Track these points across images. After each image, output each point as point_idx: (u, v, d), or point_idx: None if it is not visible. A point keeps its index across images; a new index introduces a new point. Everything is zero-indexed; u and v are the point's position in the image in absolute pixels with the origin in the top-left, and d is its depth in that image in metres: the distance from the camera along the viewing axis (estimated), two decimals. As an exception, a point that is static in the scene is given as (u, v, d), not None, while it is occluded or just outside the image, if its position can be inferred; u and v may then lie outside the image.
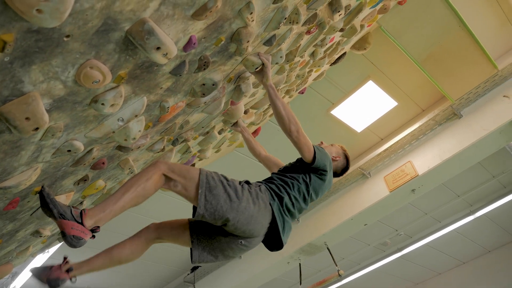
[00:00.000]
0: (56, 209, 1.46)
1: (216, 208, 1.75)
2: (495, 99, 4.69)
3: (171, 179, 1.77)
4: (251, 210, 1.81)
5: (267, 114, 4.01)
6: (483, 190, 6.97)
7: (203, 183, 1.77)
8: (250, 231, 1.85)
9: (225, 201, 1.77)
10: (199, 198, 1.74)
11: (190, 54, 1.54)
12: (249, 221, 1.81)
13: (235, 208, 1.78)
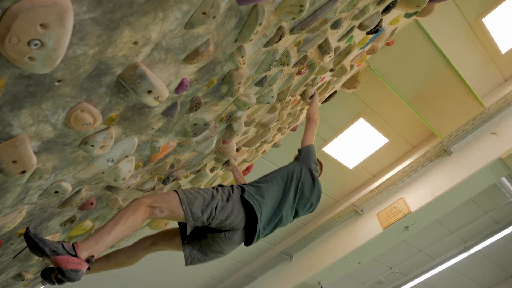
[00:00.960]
0: (47, 247, 1.42)
1: (201, 215, 1.93)
2: (484, 136, 4.77)
3: (155, 207, 1.84)
4: (226, 208, 2.01)
5: (259, 151, 4.02)
6: (476, 226, 6.94)
7: (184, 200, 1.91)
8: (230, 223, 2.02)
9: (206, 207, 1.95)
10: (186, 213, 1.88)
11: (182, 95, 1.56)
12: (227, 216, 1.99)
13: (218, 215, 1.96)
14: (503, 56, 4.75)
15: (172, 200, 1.90)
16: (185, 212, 1.88)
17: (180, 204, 1.89)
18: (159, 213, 1.86)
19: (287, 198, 2.28)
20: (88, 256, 1.49)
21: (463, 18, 4.34)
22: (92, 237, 1.57)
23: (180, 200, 1.89)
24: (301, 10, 1.47)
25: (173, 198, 1.90)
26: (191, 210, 1.89)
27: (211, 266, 6.07)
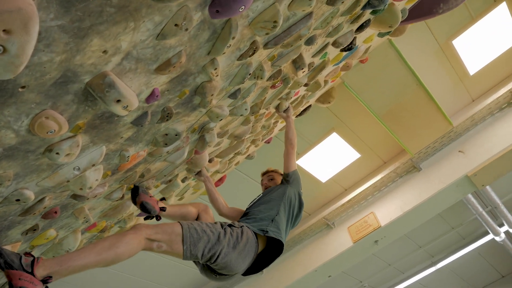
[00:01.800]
0: (2, 258, 1.36)
1: (201, 256, 1.91)
2: (451, 154, 4.93)
3: (154, 241, 1.80)
4: (230, 255, 1.95)
5: (233, 162, 4.01)
6: (443, 242, 7.12)
7: (187, 239, 1.86)
8: (228, 270, 2.00)
9: (208, 251, 1.90)
10: (185, 254, 1.85)
11: (153, 105, 1.54)
12: (228, 264, 1.95)
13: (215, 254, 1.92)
14: (471, 78, 4.94)
15: (174, 235, 1.84)
16: (184, 253, 1.85)
17: (181, 241, 1.85)
18: (156, 248, 1.82)
19: (288, 224, 2.41)
20: (45, 276, 1.42)
21: (434, 39, 4.50)
22: (60, 257, 1.51)
23: (182, 238, 1.85)
24: (275, 26, 1.49)
25: (176, 234, 1.85)
26: (191, 251, 1.85)
27: (180, 276, 5.97)
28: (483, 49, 4.70)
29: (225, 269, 1.99)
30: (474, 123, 4.88)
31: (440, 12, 3.23)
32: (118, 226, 2.97)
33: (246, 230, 2.09)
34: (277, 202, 2.43)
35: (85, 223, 2.22)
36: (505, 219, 6.36)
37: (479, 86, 5.03)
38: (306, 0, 1.53)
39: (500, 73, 4.96)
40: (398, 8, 2.70)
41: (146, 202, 2.27)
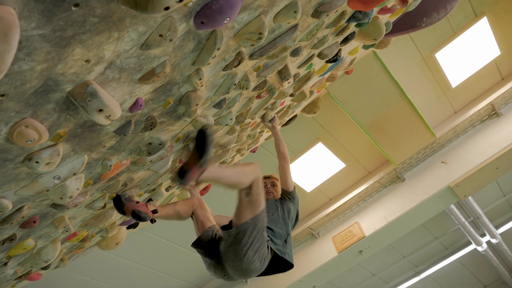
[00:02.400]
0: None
1: (246, 239, 1.98)
2: (434, 165, 5.00)
3: (250, 191, 1.98)
4: (255, 266, 2.05)
5: (218, 171, 3.99)
6: (427, 252, 7.18)
7: (257, 219, 2.00)
8: (241, 275, 2.11)
9: (251, 245, 2.00)
10: (244, 223, 1.97)
11: (137, 114, 1.53)
12: (248, 271, 2.07)
13: (249, 257, 2.01)
14: (454, 90, 5.05)
15: (259, 204, 2.02)
16: (243, 221, 1.98)
17: (254, 215, 2.00)
18: (244, 195, 2.00)
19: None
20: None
21: (418, 52, 4.59)
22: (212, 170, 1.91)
23: (257, 214, 2.01)
24: (260, 38, 1.50)
25: (259, 204, 2.02)
26: (247, 229, 1.97)
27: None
28: (465, 62, 4.82)
29: (240, 273, 2.08)
30: (456, 134, 4.97)
31: (423, 26, 3.31)
32: (100, 236, 2.92)
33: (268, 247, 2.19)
34: (286, 221, 2.52)
35: (65, 232, 2.17)
36: (486, 229, 6.46)
37: (461, 98, 5.14)
38: (291, 12, 1.55)
39: (482, 86, 5.08)
40: (382, 21, 2.74)
41: (138, 210, 2.22)
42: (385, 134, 4.67)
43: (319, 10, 1.80)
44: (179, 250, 5.39)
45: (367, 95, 4.29)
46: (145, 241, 5.04)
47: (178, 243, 5.33)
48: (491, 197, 6.40)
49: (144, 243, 5.05)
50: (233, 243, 2.02)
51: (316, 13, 1.81)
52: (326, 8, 1.80)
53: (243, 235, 1.99)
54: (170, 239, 5.24)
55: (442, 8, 3.28)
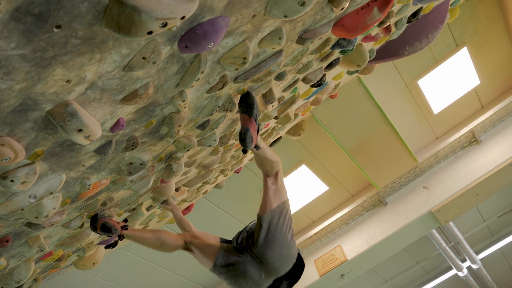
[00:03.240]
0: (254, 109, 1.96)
1: (274, 225, 2.09)
2: (416, 190, 5.06)
3: (276, 179, 2.18)
4: (294, 251, 2.15)
5: (201, 191, 3.97)
6: (408, 276, 7.19)
7: (285, 204, 2.16)
8: (273, 266, 2.11)
9: (287, 228, 2.13)
10: (274, 208, 2.10)
11: (118, 134, 1.52)
12: (287, 258, 2.13)
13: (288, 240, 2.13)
14: (435, 116, 5.16)
15: (282, 193, 2.19)
16: (273, 208, 2.11)
17: (281, 202, 2.15)
18: (270, 183, 2.17)
19: None
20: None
21: (401, 79, 4.70)
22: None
23: (282, 203, 2.17)
24: (244, 62, 1.52)
25: (283, 194, 2.19)
26: (275, 214, 2.11)
27: None
28: (446, 90, 4.95)
29: (281, 261, 2.13)
30: (438, 160, 5.05)
31: (406, 54, 3.39)
32: (77, 255, 2.85)
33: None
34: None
35: (40, 252, 2.11)
36: (467, 254, 6.52)
37: (443, 125, 5.25)
38: (276, 39, 1.57)
39: (462, 113, 5.21)
40: (366, 48, 2.81)
41: (106, 222, 2.22)
42: (368, 158, 4.72)
43: (303, 37, 1.83)
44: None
45: (351, 119, 4.35)
46: None
47: None
48: (471, 222, 6.48)
49: None
50: (269, 229, 2.10)
51: (301, 40, 1.84)
52: (310, 35, 1.84)
53: (278, 218, 2.11)
54: None
55: (424, 38, 3.38)
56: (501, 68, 4.92)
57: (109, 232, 2.21)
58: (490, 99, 5.15)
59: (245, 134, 1.87)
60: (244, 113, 1.96)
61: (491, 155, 4.76)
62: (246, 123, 1.93)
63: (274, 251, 2.09)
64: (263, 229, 2.10)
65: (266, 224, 2.10)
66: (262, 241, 2.10)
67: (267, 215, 2.11)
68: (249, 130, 1.88)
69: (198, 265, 5.73)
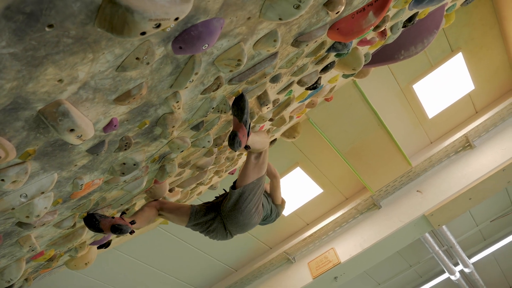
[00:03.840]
0: (245, 115, 2.03)
1: (248, 198, 2.38)
2: (410, 193, 5.08)
3: (260, 156, 2.43)
4: (254, 221, 2.51)
5: (195, 192, 3.96)
6: (401, 279, 7.21)
7: (261, 180, 2.44)
8: (237, 231, 2.52)
9: (253, 202, 2.41)
10: (250, 183, 2.37)
11: (111, 134, 1.51)
12: (246, 226, 2.50)
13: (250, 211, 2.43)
14: (430, 121, 5.18)
15: (262, 169, 2.46)
16: (253, 180, 2.41)
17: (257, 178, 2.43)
18: (253, 158, 2.42)
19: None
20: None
21: (396, 83, 4.72)
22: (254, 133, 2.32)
23: (259, 178, 2.45)
24: (239, 64, 1.52)
25: (262, 170, 2.47)
26: (254, 187, 2.39)
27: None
28: (441, 94, 4.97)
29: (241, 227, 2.51)
30: (432, 164, 5.08)
31: (401, 59, 3.41)
32: (68, 255, 2.83)
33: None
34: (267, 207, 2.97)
35: (31, 251, 2.09)
36: (460, 258, 6.54)
37: (437, 129, 5.27)
38: (271, 41, 1.57)
39: (457, 118, 5.24)
40: (361, 52, 2.82)
41: (119, 224, 2.19)
42: (362, 161, 4.73)
43: (299, 40, 1.84)
44: (189, 250, 5.33)
45: (346, 122, 4.36)
46: (157, 239, 5.01)
47: (190, 243, 5.29)
48: (464, 227, 6.51)
49: (155, 240, 5.01)
50: (238, 201, 2.39)
51: (296, 42, 1.85)
52: (306, 38, 1.84)
53: (248, 194, 2.38)
54: (184, 238, 5.18)
55: (419, 43, 3.40)
56: (495, 73, 4.95)
57: (123, 233, 2.21)
58: (484, 104, 5.19)
59: (234, 139, 2.01)
60: (235, 116, 2.04)
61: (485, 160, 4.79)
62: (236, 127, 2.04)
63: (237, 220, 2.44)
64: (232, 200, 2.41)
65: (235, 197, 2.40)
66: (228, 210, 2.44)
67: (239, 189, 2.39)
68: (237, 135, 2.00)
69: (190, 266, 5.75)
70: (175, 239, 5.12)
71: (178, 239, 5.13)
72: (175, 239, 5.12)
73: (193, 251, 5.34)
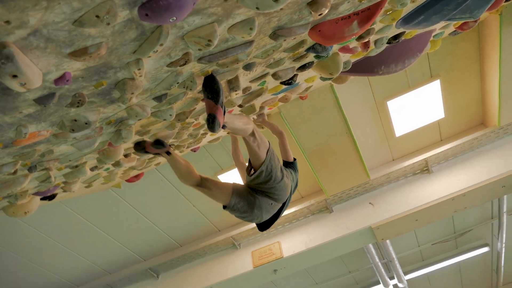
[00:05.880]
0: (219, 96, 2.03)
1: (272, 169, 2.56)
2: (362, 204, 5.20)
3: (255, 136, 2.51)
4: (286, 183, 2.67)
5: (153, 162, 3.90)
6: (338, 283, 7.43)
7: (270, 152, 2.60)
8: (280, 196, 2.66)
9: (276, 169, 2.60)
10: (266, 158, 2.54)
11: (63, 88, 1.45)
12: (283, 189, 2.66)
13: (279, 177, 2.62)
14: (396, 139, 5.30)
15: (264, 143, 2.58)
16: (266, 157, 2.54)
17: (266, 150, 2.57)
18: (252, 141, 2.52)
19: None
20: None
21: (372, 96, 4.78)
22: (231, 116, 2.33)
23: (268, 150, 2.58)
24: (209, 45, 1.48)
25: (265, 142, 2.60)
26: (270, 159, 2.55)
27: (71, 267, 5.63)
28: (412, 116, 5.08)
29: (280, 191, 2.67)
30: (389, 180, 5.21)
31: (380, 73, 3.44)
32: (8, 201, 2.74)
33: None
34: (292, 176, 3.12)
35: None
36: (396, 273, 6.81)
37: (401, 148, 5.40)
38: (247, 28, 1.54)
39: (422, 141, 5.38)
40: (342, 59, 2.82)
41: (158, 139, 2.57)
42: (324, 164, 4.79)
43: (277, 33, 1.81)
44: (138, 218, 5.31)
45: (315, 123, 4.39)
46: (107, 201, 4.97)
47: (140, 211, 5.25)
48: (407, 244, 6.76)
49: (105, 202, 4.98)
50: (266, 177, 2.57)
51: (274, 35, 1.82)
52: (285, 33, 1.82)
53: (270, 167, 2.57)
54: (134, 205, 5.12)
55: (400, 62, 3.44)
56: (466, 108, 5.10)
57: (162, 146, 2.56)
58: (450, 134, 5.34)
59: (213, 122, 2.02)
60: (210, 99, 2.02)
61: (438, 186, 4.96)
62: (213, 110, 2.03)
63: (277, 187, 2.62)
64: (261, 179, 2.57)
65: (262, 176, 2.56)
66: (264, 184, 2.60)
67: (262, 167, 2.55)
68: (216, 117, 2.03)
69: (136, 234, 5.68)
70: (126, 204, 5.06)
71: (128, 204, 5.07)
72: (126, 205, 5.06)
73: (142, 220, 5.30)
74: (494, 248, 7.27)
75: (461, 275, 8.01)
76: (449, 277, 7.99)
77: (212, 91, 1.99)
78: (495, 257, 7.46)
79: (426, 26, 2.69)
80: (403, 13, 2.45)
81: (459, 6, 2.48)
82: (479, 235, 7.01)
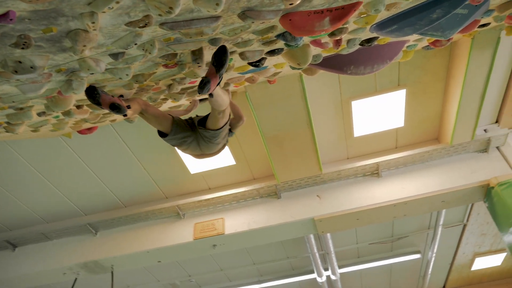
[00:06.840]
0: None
1: (219, 135, 2.97)
2: (310, 195, 5.33)
3: (224, 114, 2.85)
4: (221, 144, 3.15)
5: (108, 118, 3.80)
6: (275, 266, 7.65)
7: (226, 125, 3.00)
8: (210, 148, 3.08)
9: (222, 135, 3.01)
10: (222, 127, 2.93)
11: (6, 27, 1.36)
12: (216, 147, 3.11)
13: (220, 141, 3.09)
14: (354, 139, 5.42)
15: (226, 117, 2.95)
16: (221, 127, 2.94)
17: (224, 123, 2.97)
18: (220, 115, 2.85)
19: None
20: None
21: (339, 93, 4.84)
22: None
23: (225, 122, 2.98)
24: (170, 12, 1.43)
25: (227, 117, 2.97)
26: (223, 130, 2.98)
27: (7, 211, 5.46)
28: (373, 119, 5.20)
29: (211, 150, 3.13)
30: (339, 177, 5.36)
31: (348, 73, 3.47)
32: None
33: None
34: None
35: None
36: (331, 265, 7.09)
37: (357, 149, 5.54)
38: (213, 3, 1.50)
39: (377, 145, 5.53)
40: (312, 51, 2.82)
41: (118, 104, 2.41)
42: (280, 151, 4.84)
43: (246, 14, 1.78)
44: (85, 171, 5.21)
45: (279, 109, 4.41)
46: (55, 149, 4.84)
47: (88, 164, 5.14)
48: (346, 240, 7.04)
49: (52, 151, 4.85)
50: (211, 138, 2.94)
51: (243, 15, 1.79)
52: (253, 15, 1.79)
53: (218, 135, 2.93)
54: (82, 157, 5.03)
55: (369, 66, 3.48)
56: (425, 121, 5.27)
57: (120, 112, 2.44)
58: (405, 143, 5.52)
59: (205, 84, 2.25)
60: (214, 66, 2.23)
61: (384, 191, 5.15)
62: (211, 76, 2.26)
63: (210, 146, 3.04)
64: (208, 134, 2.91)
65: (210, 135, 2.91)
66: (204, 139, 2.97)
67: (213, 132, 2.89)
68: (210, 82, 2.25)
69: (80, 187, 5.56)
70: (74, 155, 4.92)
71: (76, 156, 4.93)
72: (74, 156, 4.92)
73: (89, 173, 5.18)
74: (425, 256, 7.71)
75: (391, 276, 8.46)
76: (379, 277, 8.42)
77: (219, 60, 2.20)
78: (425, 264, 7.92)
79: (398, 36, 2.73)
80: (378, 18, 2.47)
81: (432, 23, 2.52)
82: (414, 242, 7.40)
